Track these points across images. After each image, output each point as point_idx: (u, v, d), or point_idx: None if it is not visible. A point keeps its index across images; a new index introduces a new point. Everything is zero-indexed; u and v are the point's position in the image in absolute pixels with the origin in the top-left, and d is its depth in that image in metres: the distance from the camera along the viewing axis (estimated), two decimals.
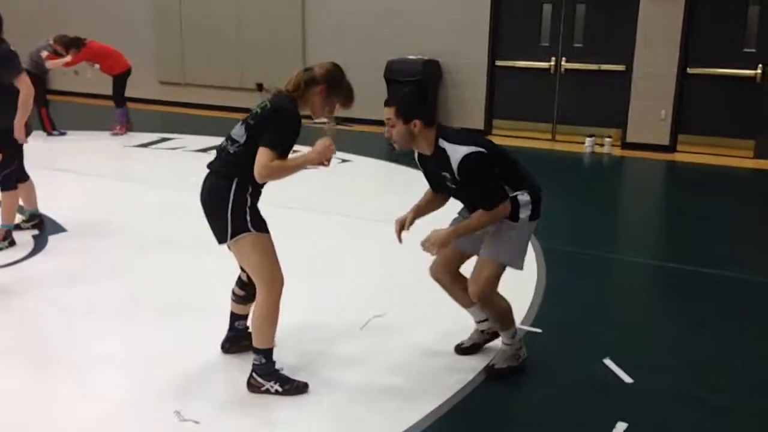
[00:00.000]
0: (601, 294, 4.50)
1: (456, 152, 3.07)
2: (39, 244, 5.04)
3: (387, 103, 3.25)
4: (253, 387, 3.09)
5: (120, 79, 9.32)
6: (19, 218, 5.23)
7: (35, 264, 4.71)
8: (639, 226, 6.36)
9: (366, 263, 4.88)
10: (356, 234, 5.50)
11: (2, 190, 4.92)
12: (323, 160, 3.08)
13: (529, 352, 3.41)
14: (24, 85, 4.72)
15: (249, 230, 2.99)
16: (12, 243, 4.94)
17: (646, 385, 3.25)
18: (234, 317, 3.42)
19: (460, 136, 3.18)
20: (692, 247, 5.36)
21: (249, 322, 3.30)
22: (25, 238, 5.09)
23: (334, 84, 3.21)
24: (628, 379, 3.27)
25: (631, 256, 5.23)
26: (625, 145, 9.10)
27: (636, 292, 4.71)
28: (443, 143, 3.13)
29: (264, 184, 3.02)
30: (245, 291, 3.31)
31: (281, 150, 2.93)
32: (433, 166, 3.24)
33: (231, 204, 2.97)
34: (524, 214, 3.20)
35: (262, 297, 3.05)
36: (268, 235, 3.07)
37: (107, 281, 4.43)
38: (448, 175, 3.14)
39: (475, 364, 3.40)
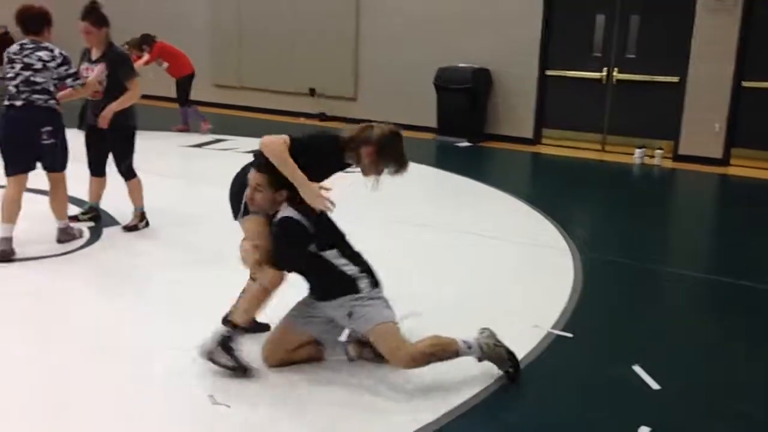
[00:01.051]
0: (637, 303, 4.48)
1: (281, 213, 3.19)
2: (94, 236, 5.28)
3: (259, 170, 3.22)
4: (207, 353, 3.19)
5: (185, 82, 9.69)
6: (77, 210, 5.50)
7: (90, 253, 4.94)
8: (685, 238, 6.28)
9: (404, 264, 4.96)
10: (396, 235, 5.59)
11: (126, 180, 5.40)
12: (311, 201, 3.16)
13: (557, 356, 3.43)
14: (135, 88, 5.24)
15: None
16: (95, 219, 5.48)
17: (674, 392, 3.25)
18: None
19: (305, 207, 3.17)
20: (736, 261, 5.29)
21: None
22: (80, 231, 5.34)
23: (386, 149, 3.28)
24: (655, 386, 3.27)
25: (673, 268, 5.18)
26: (677, 158, 8.97)
27: (673, 303, 4.67)
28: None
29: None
30: None
31: (295, 143, 3.15)
32: None
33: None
34: (363, 283, 3.22)
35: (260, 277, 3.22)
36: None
37: (156, 274, 4.63)
38: None
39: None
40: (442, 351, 3.15)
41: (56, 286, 4.37)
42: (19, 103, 4.69)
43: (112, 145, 5.34)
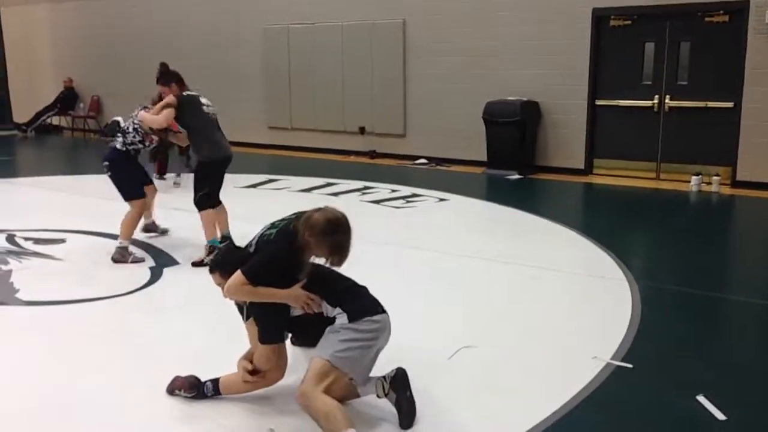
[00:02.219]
0: (698, 332, 4.36)
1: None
2: (155, 275, 5.43)
3: (211, 271, 3.37)
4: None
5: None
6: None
7: (151, 293, 5.08)
8: (745, 266, 6.10)
9: (457, 297, 4.95)
10: (450, 267, 5.59)
11: (199, 210, 5.69)
12: (301, 306, 3.16)
13: (617, 388, 3.36)
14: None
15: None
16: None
17: (741, 422, 3.14)
18: None
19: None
20: None
21: None
22: (142, 271, 5.50)
23: (319, 235, 3.08)
24: (721, 417, 3.17)
25: (734, 295, 5.04)
26: (735, 183, 8.77)
27: (735, 331, 4.54)
28: None
29: None
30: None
31: (250, 277, 3.12)
32: None
33: None
34: (340, 319, 3.11)
35: None
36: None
37: (211, 311, 4.73)
38: None
39: (558, 398, 3.39)
40: (325, 420, 2.86)
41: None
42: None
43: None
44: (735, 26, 8.63)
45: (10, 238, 6.34)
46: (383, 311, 3.21)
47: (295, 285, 3.17)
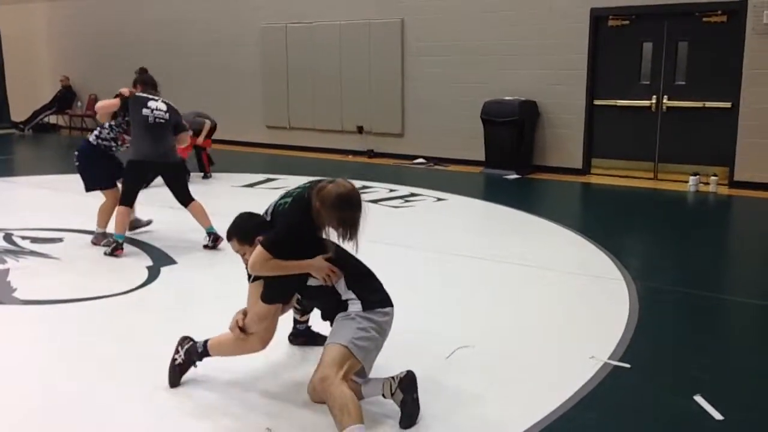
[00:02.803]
0: (696, 332, 4.37)
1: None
2: (152, 275, 5.42)
3: (228, 238, 3.43)
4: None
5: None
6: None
7: (149, 292, 5.08)
8: (743, 266, 6.11)
9: (455, 296, 4.95)
10: (447, 267, 5.59)
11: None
12: (323, 278, 3.17)
13: (615, 388, 3.36)
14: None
15: None
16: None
17: (738, 422, 3.15)
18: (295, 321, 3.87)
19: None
20: None
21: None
22: (139, 270, 5.50)
23: (329, 208, 3.07)
24: (718, 416, 3.17)
25: (731, 296, 5.05)
26: (733, 184, 8.78)
27: (733, 331, 4.54)
28: None
29: None
30: (301, 305, 3.69)
31: (273, 250, 3.12)
32: None
33: None
34: (354, 306, 3.14)
35: None
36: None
37: (208, 311, 4.73)
38: None
39: (556, 398, 3.39)
40: (339, 410, 2.82)
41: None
42: None
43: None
44: (733, 26, 8.64)
45: (8, 237, 6.33)
46: (392, 304, 3.25)
47: (318, 256, 3.18)
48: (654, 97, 9.29)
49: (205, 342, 3.45)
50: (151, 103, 5.94)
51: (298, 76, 12.24)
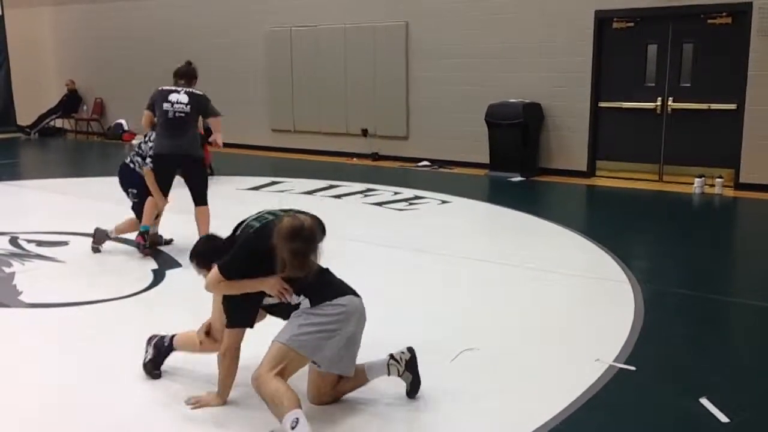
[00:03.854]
0: (701, 334, 4.36)
1: None
2: (157, 278, 5.44)
3: (190, 259, 3.51)
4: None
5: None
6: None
7: (154, 295, 5.09)
8: (749, 268, 6.09)
9: (461, 298, 4.95)
10: (453, 269, 5.58)
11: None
12: (276, 295, 3.16)
13: (620, 391, 3.35)
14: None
15: None
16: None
17: (744, 425, 3.14)
18: None
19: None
20: None
21: None
22: (145, 273, 5.50)
23: (281, 240, 3.06)
24: (724, 419, 3.16)
25: (737, 298, 5.03)
26: (739, 186, 8.76)
27: (739, 333, 4.53)
28: None
29: None
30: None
31: (225, 274, 3.17)
32: None
33: None
34: (304, 303, 3.15)
35: None
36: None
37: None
38: None
39: (561, 400, 3.38)
40: (272, 404, 2.93)
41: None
42: None
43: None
44: (738, 28, 8.62)
45: (13, 241, 6.35)
46: (351, 293, 3.20)
47: (271, 276, 3.17)
48: (659, 99, 9.27)
49: (172, 337, 3.63)
50: (172, 96, 5.85)
51: (303, 80, 12.26)
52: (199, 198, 5.98)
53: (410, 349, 3.37)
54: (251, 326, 3.27)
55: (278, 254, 3.09)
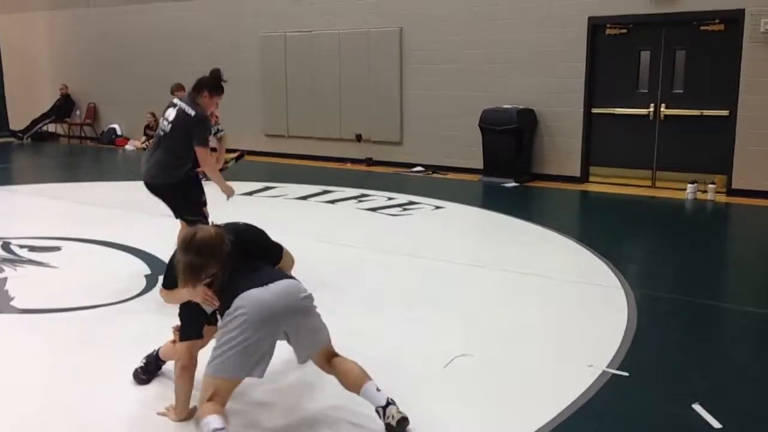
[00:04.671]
0: (694, 340, 4.36)
1: None
2: (150, 283, 5.42)
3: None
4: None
5: None
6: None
7: (147, 300, 5.06)
8: (741, 274, 6.11)
9: (454, 304, 4.95)
10: (445, 275, 5.58)
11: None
12: (202, 302, 3.15)
13: (613, 396, 3.35)
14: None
15: None
16: None
17: (737, 430, 3.14)
18: None
19: None
20: None
21: None
22: (137, 279, 5.49)
23: (178, 253, 3.11)
24: (717, 425, 3.17)
25: (730, 304, 5.05)
26: (731, 192, 8.79)
27: (731, 339, 4.53)
28: None
29: None
30: None
31: (163, 284, 3.42)
32: None
33: None
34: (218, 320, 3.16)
35: None
36: None
37: None
38: None
39: (554, 406, 3.38)
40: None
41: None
42: None
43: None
44: (730, 35, 8.67)
45: (5, 246, 6.32)
46: (254, 287, 3.01)
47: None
48: (652, 105, 9.31)
49: (158, 350, 3.67)
50: (168, 112, 5.14)
51: (297, 85, 12.26)
52: (176, 213, 5.36)
53: (404, 418, 3.05)
54: (199, 337, 3.26)
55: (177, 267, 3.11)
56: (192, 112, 4.97)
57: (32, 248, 6.26)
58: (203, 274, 3.05)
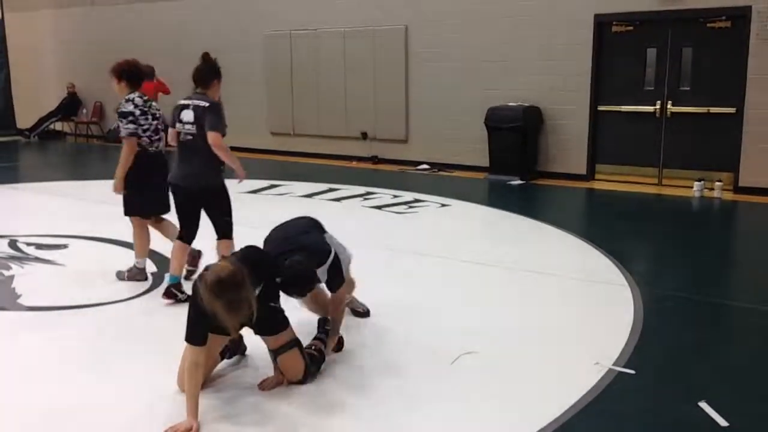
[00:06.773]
0: (701, 337, 4.35)
1: None
2: (156, 281, 5.43)
3: None
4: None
5: None
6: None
7: (153, 298, 5.07)
8: (748, 271, 6.08)
9: (460, 300, 4.94)
10: (452, 271, 5.58)
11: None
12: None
13: (619, 394, 3.35)
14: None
15: None
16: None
17: (743, 429, 3.13)
18: None
19: None
20: None
21: None
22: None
23: (208, 299, 3.11)
24: (723, 423, 3.16)
25: (737, 301, 5.03)
26: (738, 189, 8.76)
27: (738, 337, 4.52)
28: None
29: None
30: None
31: (190, 341, 3.35)
32: None
33: None
34: None
35: None
36: None
37: None
38: None
39: (560, 404, 3.38)
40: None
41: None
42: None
43: None
44: (737, 32, 8.63)
45: (13, 244, 6.35)
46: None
47: None
48: (658, 102, 9.28)
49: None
50: (183, 114, 4.79)
51: (302, 83, 12.27)
52: (220, 231, 5.05)
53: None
54: (201, 344, 3.28)
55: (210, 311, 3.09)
56: (207, 103, 4.78)
57: (39, 246, 6.28)
58: (246, 304, 3.11)
